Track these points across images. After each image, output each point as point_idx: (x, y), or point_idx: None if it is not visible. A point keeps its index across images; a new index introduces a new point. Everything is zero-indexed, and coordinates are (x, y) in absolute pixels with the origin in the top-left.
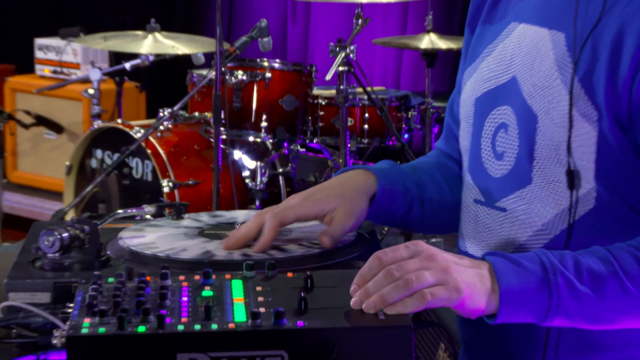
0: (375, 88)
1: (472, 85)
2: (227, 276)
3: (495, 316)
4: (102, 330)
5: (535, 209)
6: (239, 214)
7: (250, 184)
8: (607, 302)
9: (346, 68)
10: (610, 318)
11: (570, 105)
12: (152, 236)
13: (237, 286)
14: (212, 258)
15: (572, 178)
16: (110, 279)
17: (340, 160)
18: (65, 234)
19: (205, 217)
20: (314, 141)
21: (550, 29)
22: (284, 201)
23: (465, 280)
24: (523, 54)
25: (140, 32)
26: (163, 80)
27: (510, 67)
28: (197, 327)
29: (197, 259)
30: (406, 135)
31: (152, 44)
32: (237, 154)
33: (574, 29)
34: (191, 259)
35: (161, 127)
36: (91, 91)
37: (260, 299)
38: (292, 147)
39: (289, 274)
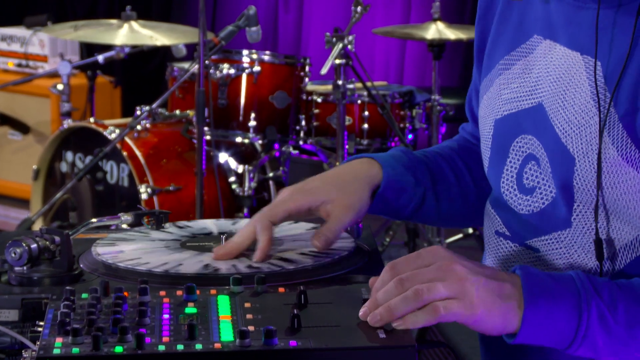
0: (376, 83)
1: (490, 102)
2: (213, 291)
3: (515, 335)
4: (75, 350)
5: (575, 254)
6: (207, 223)
7: (237, 190)
8: (638, 342)
9: (344, 61)
10: None
11: (611, 149)
12: (129, 248)
13: (223, 302)
14: (217, 272)
15: (601, 248)
16: (84, 295)
17: (337, 164)
18: (33, 245)
19: (172, 228)
20: (308, 142)
21: (583, 54)
22: (275, 198)
23: (481, 296)
24: (552, 79)
25: (114, 21)
26: (140, 74)
27: (536, 91)
28: (180, 347)
29: (201, 274)
30: (410, 136)
31: (127, 34)
32: (223, 157)
33: (608, 57)
34: (195, 273)
35: (138, 127)
36: (60, 87)
37: (249, 316)
38: (283, 148)
39: (281, 289)
